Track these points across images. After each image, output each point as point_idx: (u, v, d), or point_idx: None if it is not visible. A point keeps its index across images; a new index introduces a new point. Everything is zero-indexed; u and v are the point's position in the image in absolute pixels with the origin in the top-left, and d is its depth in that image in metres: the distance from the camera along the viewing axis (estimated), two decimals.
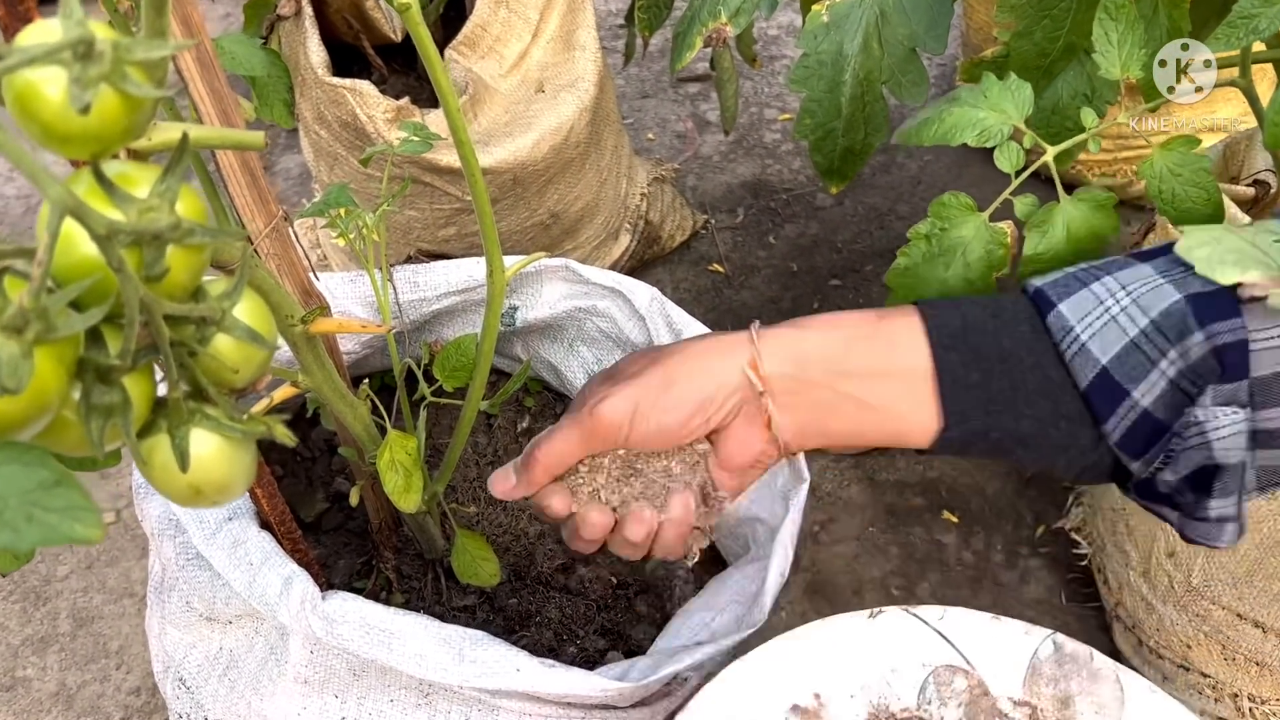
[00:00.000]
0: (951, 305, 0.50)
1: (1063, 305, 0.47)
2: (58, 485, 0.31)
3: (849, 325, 0.51)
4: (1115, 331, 0.46)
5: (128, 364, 0.35)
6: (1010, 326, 0.48)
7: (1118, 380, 0.46)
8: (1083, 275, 0.48)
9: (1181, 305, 0.45)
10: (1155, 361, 0.46)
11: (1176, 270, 0.46)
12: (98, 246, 0.32)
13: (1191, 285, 0.45)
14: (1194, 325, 0.45)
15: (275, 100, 0.65)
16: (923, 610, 0.54)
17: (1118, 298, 0.47)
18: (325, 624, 0.57)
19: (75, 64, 0.31)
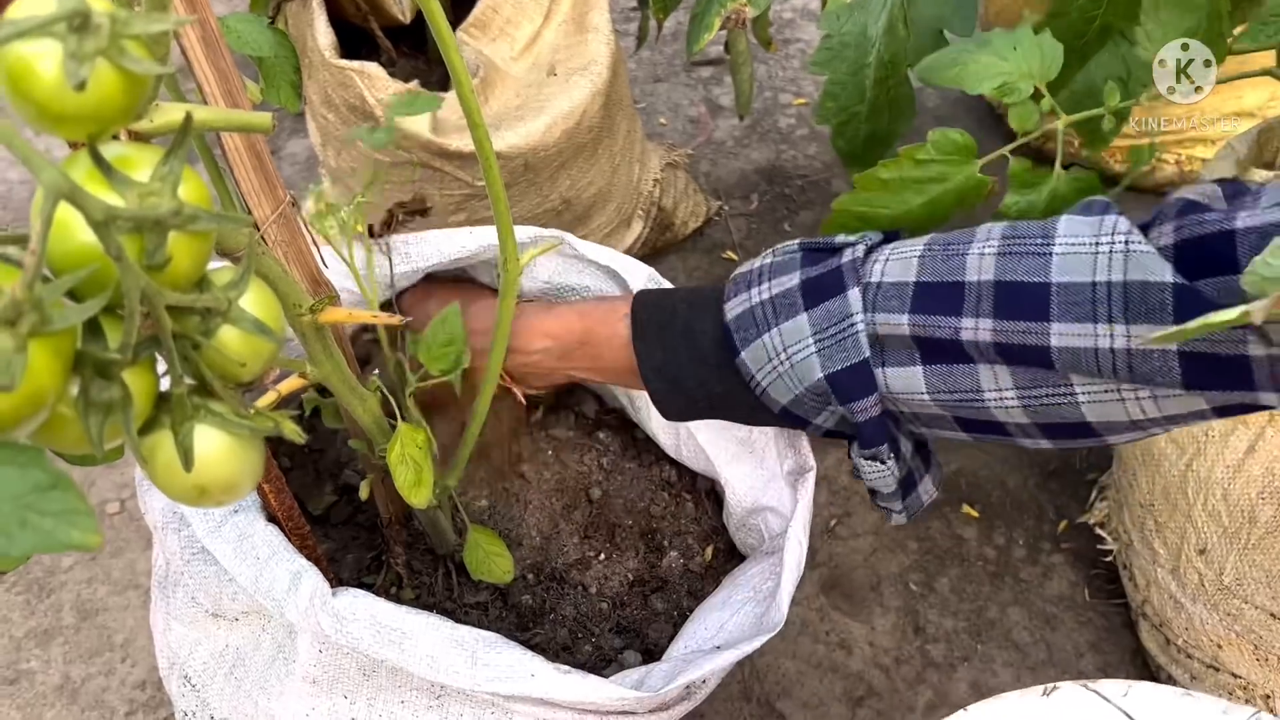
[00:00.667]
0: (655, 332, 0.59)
1: (744, 354, 0.55)
2: (53, 488, 0.29)
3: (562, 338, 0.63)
4: (784, 386, 0.54)
5: (128, 358, 0.33)
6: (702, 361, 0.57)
7: (797, 414, 0.55)
8: (759, 317, 0.54)
9: (824, 384, 0.52)
10: (821, 409, 0.54)
11: (825, 333, 0.52)
12: (95, 233, 0.30)
13: (832, 362, 0.52)
14: (835, 401, 0.53)
15: (282, 82, 0.63)
16: (1103, 686, 0.50)
17: (780, 359, 0.53)
18: (335, 621, 0.55)
19: (70, 37, 0.29)
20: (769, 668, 0.91)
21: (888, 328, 0.51)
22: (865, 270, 0.53)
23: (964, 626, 0.94)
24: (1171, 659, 0.83)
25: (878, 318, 0.51)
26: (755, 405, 0.57)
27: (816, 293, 0.53)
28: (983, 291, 0.48)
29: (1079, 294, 0.46)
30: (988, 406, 0.50)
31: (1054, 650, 0.93)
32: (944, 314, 0.49)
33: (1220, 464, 0.74)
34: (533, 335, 0.64)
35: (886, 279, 0.52)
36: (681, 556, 0.73)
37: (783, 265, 0.56)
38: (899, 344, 0.51)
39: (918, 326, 0.50)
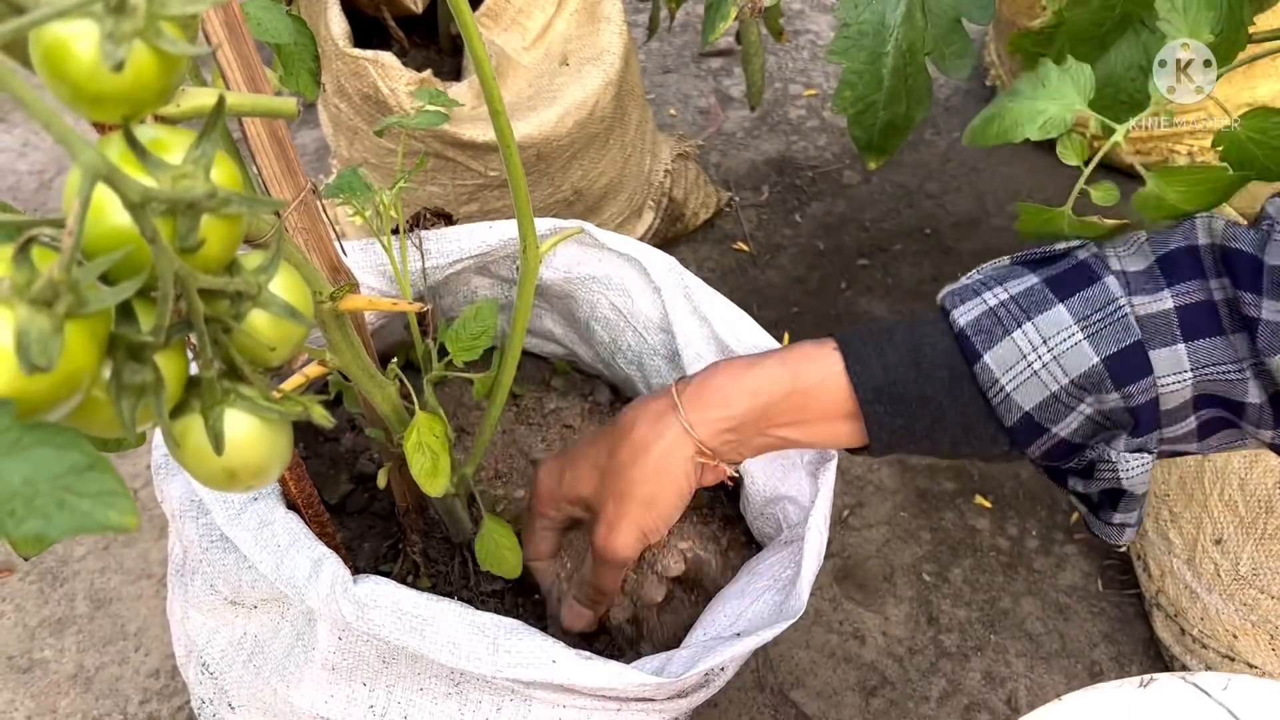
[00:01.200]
0: (874, 351, 0.54)
1: (988, 357, 0.51)
2: (90, 469, 0.29)
3: (767, 391, 0.56)
4: (1037, 385, 0.51)
5: (161, 340, 0.33)
6: (930, 374, 0.53)
7: (1039, 422, 0.52)
8: (1003, 315, 0.52)
9: (1100, 368, 0.50)
10: (1073, 407, 0.51)
11: (1093, 318, 0.50)
12: (131, 215, 0.30)
13: (1106, 344, 0.50)
14: (1110, 386, 0.50)
15: (301, 70, 0.62)
16: (1202, 679, 0.48)
17: (1039, 353, 0.51)
18: (356, 609, 0.55)
19: (107, 18, 0.29)
20: (782, 658, 0.91)
21: (1149, 307, 0.50)
22: (1108, 262, 0.52)
23: (977, 617, 0.94)
24: (1186, 649, 0.83)
25: (1136, 300, 0.50)
26: (982, 421, 0.53)
27: (1066, 285, 0.52)
28: (1216, 254, 0.50)
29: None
30: (1246, 379, 0.50)
31: (1067, 640, 0.93)
32: (1196, 278, 0.50)
33: (1237, 454, 0.74)
34: (731, 395, 0.57)
35: (1129, 268, 0.52)
36: (698, 546, 0.73)
37: (1005, 274, 0.54)
38: (1161, 324, 0.50)
39: (1179, 296, 0.50)
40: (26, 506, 0.28)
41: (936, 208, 1.35)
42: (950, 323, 0.53)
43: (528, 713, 0.58)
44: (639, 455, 0.57)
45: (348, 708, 0.62)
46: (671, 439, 0.57)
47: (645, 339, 0.74)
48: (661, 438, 0.57)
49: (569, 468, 0.62)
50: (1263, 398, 0.50)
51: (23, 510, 0.28)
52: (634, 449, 0.57)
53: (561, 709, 0.57)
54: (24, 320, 0.28)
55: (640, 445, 0.57)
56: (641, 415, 0.58)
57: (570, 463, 0.62)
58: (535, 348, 0.84)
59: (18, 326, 0.28)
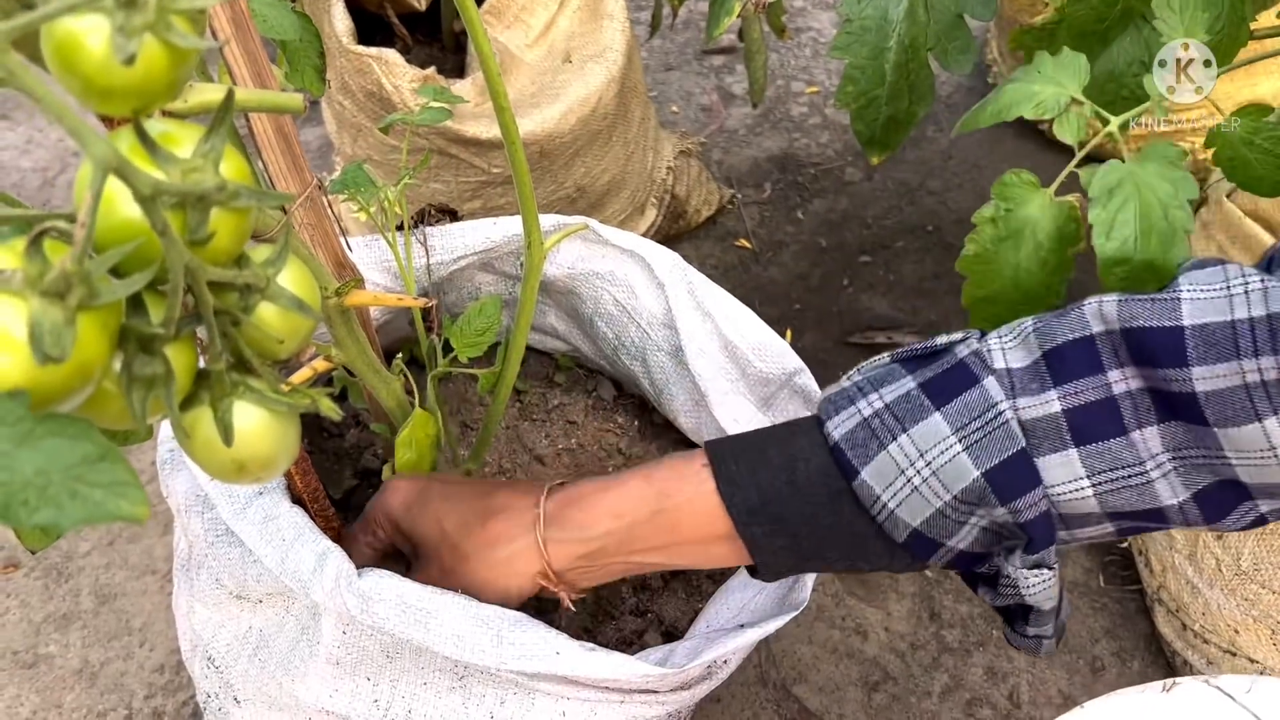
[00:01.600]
0: (746, 469, 0.51)
1: (865, 473, 0.48)
2: (102, 460, 0.29)
3: (630, 513, 0.53)
4: (920, 501, 0.47)
5: (171, 333, 0.33)
6: (807, 492, 0.50)
7: (930, 537, 0.48)
8: (878, 427, 0.48)
9: (981, 484, 0.46)
10: (964, 521, 0.48)
11: (971, 427, 0.47)
12: (141, 208, 0.30)
13: (987, 456, 0.46)
14: (995, 501, 0.46)
15: (306, 66, 0.63)
16: (1225, 681, 0.47)
17: (918, 467, 0.47)
18: (361, 602, 0.55)
19: (118, 12, 0.29)
20: (785, 653, 0.92)
21: (1034, 410, 0.47)
22: (990, 360, 0.49)
23: (979, 612, 0.95)
24: (1188, 644, 0.84)
25: (1020, 403, 0.47)
26: (872, 538, 0.50)
27: (944, 390, 0.48)
28: (1116, 341, 0.46)
29: (1217, 334, 0.43)
30: (1151, 482, 0.46)
31: (1069, 636, 0.93)
32: (1088, 374, 0.46)
33: None
34: (591, 516, 0.54)
35: (1013, 364, 0.48)
36: None
37: (881, 376, 0.50)
38: (1050, 428, 0.47)
39: (1068, 397, 0.46)
40: (39, 496, 0.29)
41: (939, 205, 1.36)
42: (825, 435, 0.50)
43: (531, 706, 0.59)
44: (482, 550, 0.56)
45: (352, 702, 0.62)
46: (519, 550, 0.55)
47: (649, 335, 0.74)
48: (511, 544, 0.55)
49: (418, 510, 0.59)
50: (1182, 497, 0.47)
51: (35, 500, 0.29)
52: (482, 541, 0.56)
53: (565, 701, 0.57)
54: (37, 312, 0.28)
55: (488, 541, 0.55)
56: (504, 509, 0.56)
57: (421, 505, 0.59)
58: (539, 344, 0.84)
59: (31, 318, 0.28)
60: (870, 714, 0.88)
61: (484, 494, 0.57)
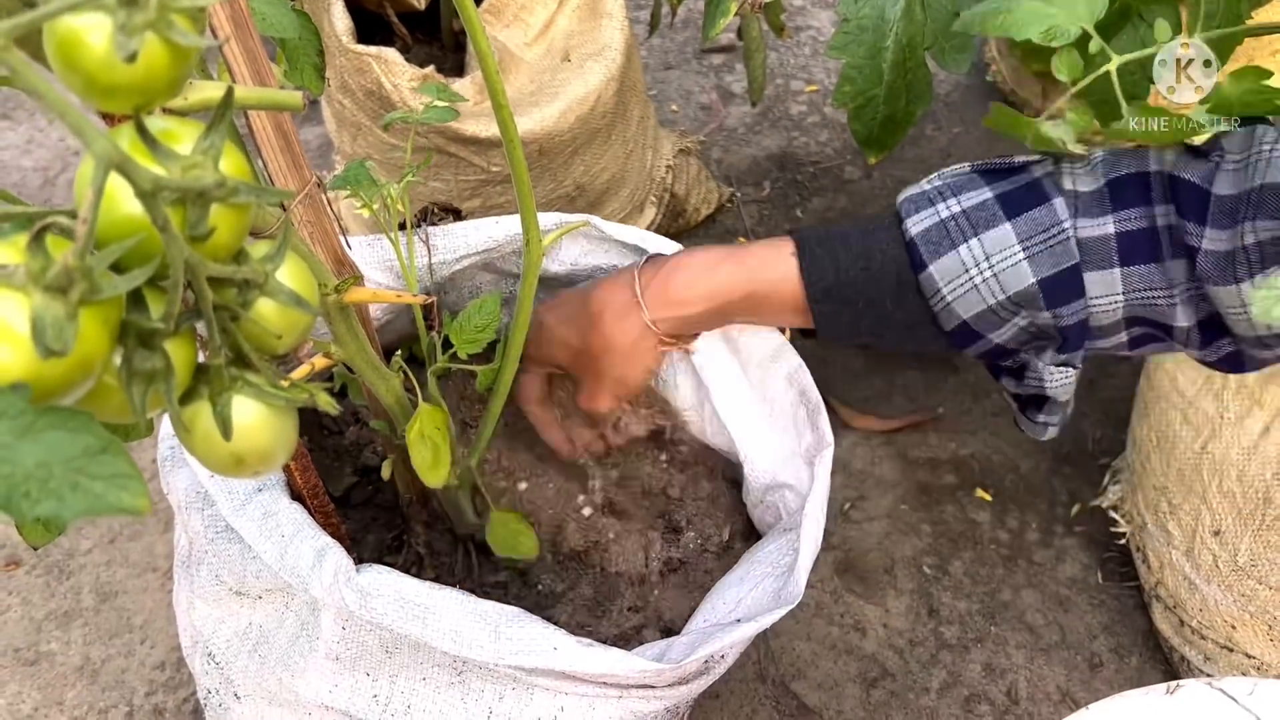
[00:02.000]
0: (828, 254, 0.58)
1: (933, 268, 0.55)
2: (103, 452, 0.29)
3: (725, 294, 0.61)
4: (976, 297, 0.54)
5: (171, 327, 0.33)
6: (878, 279, 0.57)
7: (975, 329, 0.56)
8: (953, 229, 0.54)
9: (1034, 289, 0.53)
10: (1008, 320, 0.55)
11: (1035, 239, 0.53)
12: (142, 204, 0.30)
13: (1044, 266, 0.53)
14: (1043, 305, 0.53)
15: (305, 64, 0.63)
16: (1228, 684, 0.49)
17: (981, 269, 0.54)
18: (359, 597, 0.56)
19: (120, 10, 0.29)
20: (784, 650, 0.92)
21: (1091, 231, 0.53)
22: (1061, 181, 0.54)
23: (977, 609, 0.95)
24: (1185, 640, 0.84)
25: (1080, 223, 0.53)
26: (924, 324, 0.57)
27: (1017, 204, 0.54)
28: (1164, 181, 0.52)
29: (1229, 204, 0.50)
30: (1175, 304, 0.53)
31: (1067, 632, 0.93)
32: (1140, 205, 0.52)
33: (1236, 446, 0.75)
34: (695, 294, 0.62)
35: (1081, 188, 0.54)
36: (699, 536, 0.74)
37: (962, 184, 0.56)
38: (1102, 248, 0.53)
39: (1121, 222, 0.52)
40: (41, 488, 0.29)
41: None
42: (903, 230, 0.56)
43: (529, 701, 0.59)
44: (609, 347, 0.64)
45: (352, 697, 0.62)
46: (637, 333, 0.63)
47: None
48: (627, 334, 0.63)
49: (544, 342, 0.68)
50: (1191, 321, 0.53)
51: (37, 492, 0.29)
52: (603, 341, 0.64)
53: (563, 696, 0.58)
54: (39, 306, 0.29)
55: (609, 339, 0.64)
56: (607, 307, 0.64)
57: (545, 337, 0.68)
58: None
59: (33, 312, 0.29)
60: (868, 710, 0.89)
61: (585, 301, 0.65)
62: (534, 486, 0.77)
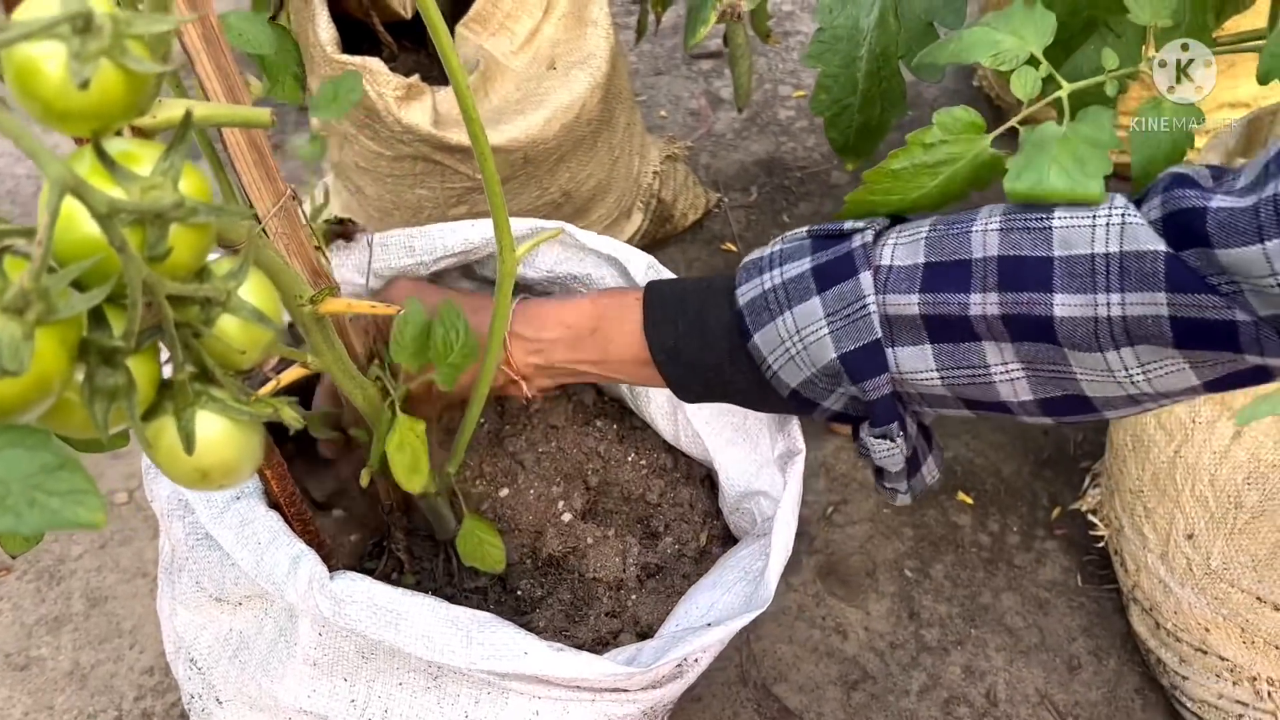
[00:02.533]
0: (667, 316, 0.60)
1: (756, 337, 0.57)
2: (61, 469, 0.30)
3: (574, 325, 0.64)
4: (795, 369, 0.56)
5: (131, 345, 0.34)
6: (713, 344, 0.59)
7: (808, 398, 0.57)
8: (772, 301, 0.56)
9: (837, 365, 0.54)
10: (831, 390, 0.56)
11: (838, 315, 0.54)
12: (99, 225, 0.31)
13: (845, 341, 0.54)
14: (848, 380, 0.54)
15: (285, 76, 0.64)
16: None
17: (794, 340, 0.55)
18: (333, 604, 0.57)
19: (74, 38, 0.30)
20: (765, 653, 0.93)
21: (898, 308, 0.53)
22: (876, 254, 0.54)
23: (958, 612, 0.96)
24: (1161, 642, 0.85)
25: (888, 299, 0.53)
26: (765, 389, 0.58)
27: (829, 277, 0.54)
28: (988, 268, 0.51)
29: (1079, 265, 0.48)
30: (994, 383, 0.53)
31: (1046, 634, 0.94)
32: (952, 291, 0.52)
33: (1207, 450, 0.75)
34: (546, 322, 0.64)
35: (896, 262, 0.54)
36: (677, 542, 0.75)
37: (793, 252, 0.57)
38: (909, 324, 0.53)
39: (927, 305, 0.52)
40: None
41: None
42: (733, 299, 0.58)
43: (505, 705, 0.60)
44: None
45: (330, 702, 0.63)
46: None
47: None
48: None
49: None
50: (1027, 398, 0.53)
51: None
52: None
53: (538, 700, 0.58)
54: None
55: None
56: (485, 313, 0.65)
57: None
58: None
59: None
60: (849, 712, 0.89)
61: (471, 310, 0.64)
62: (514, 493, 0.78)
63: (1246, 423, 0.60)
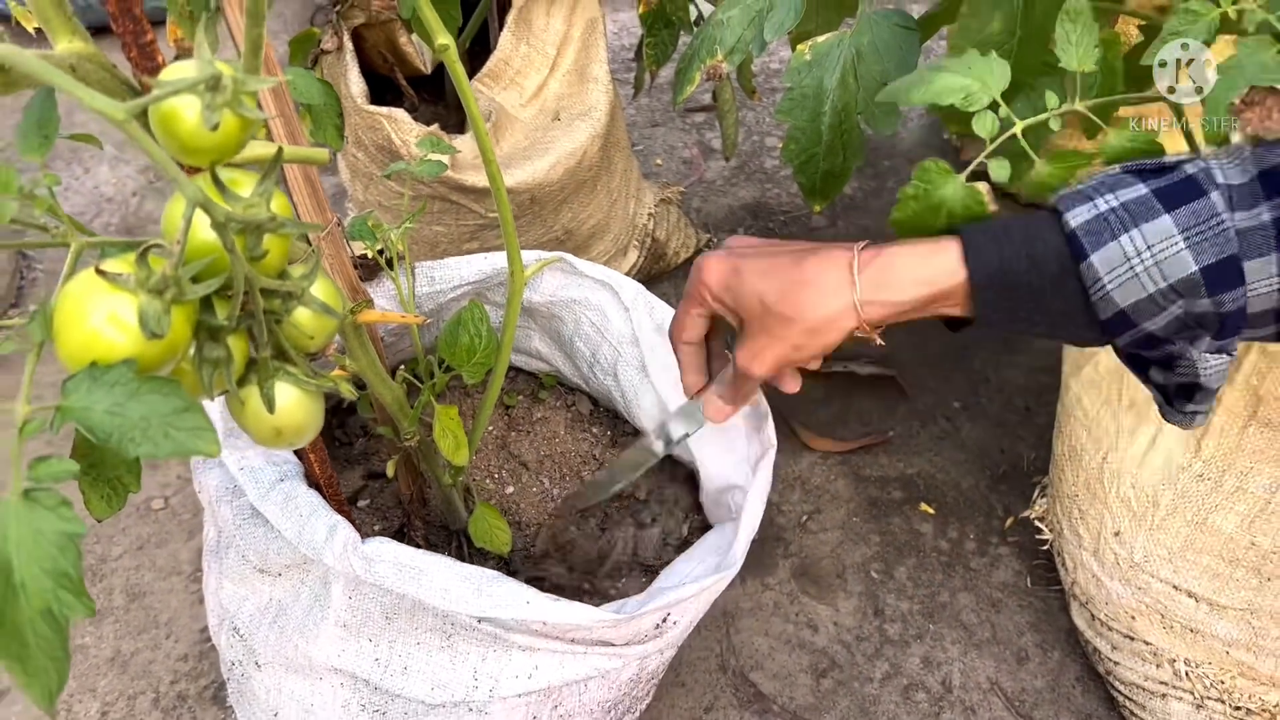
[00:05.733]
0: (991, 242, 0.60)
1: (1094, 257, 0.57)
2: (187, 411, 0.40)
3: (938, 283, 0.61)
4: (1136, 286, 0.56)
5: (233, 325, 0.45)
6: (1040, 266, 0.59)
7: (1132, 318, 0.57)
8: (1113, 220, 0.57)
9: (1197, 277, 0.55)
10: (1166, 307, 0.56)
11: (1196, 230, 0.56)
12: (216, 232, 0.42)
13: (1205, 255, 0.55)
14: (1204, 293, 0.55)
15: (329, 125, 0.75)
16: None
17: (1143, 257, 0.56)
18: (365, 563, 0.66)
19: (206, 94, 0.41)
20: (744, 644, 1.02)
21: (1248, 221, 0.55)
22: (1214, 176, 0.57)
23: (918, 609, 1.05)
24: (1096, 633, 0.94)
25: (1237, 214, 0.56)
26: (1078, 312, 0.59)
27: (1174, 197, 0.56)
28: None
29: None
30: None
31: (998, 630, 1.03)
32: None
33: (1129, 456, 0.85)
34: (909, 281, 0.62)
35: (1233, 181, 0.56)
36: (663, 531, 0.85)
37: (1116, 182, 0.59)
38: (1258, 236, 0.56)
39: (1275, 209, 0.55)
40: (142, 434, 0.40)
41: None
42: (1063, 224, 0.58)
43: (509, 660, 0.69)
44: (805, 311, 0.62)
45: (357, 660, 0.73)
46: (840, 310, 0.62)
47: (619, 351, 0.86)
48: (830, 308, 0.62)
49: (735, 282, 0.65)
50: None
51: (139, 437, 0.40)
52: (802, 304, 0.62)
53: (537, 654, 0.68)
54: (144, 304, 0.40)
55: (809, 304, 0.62)
56: (821, 274, 0.63)
57: (737, 278, 0.65)
58: (526, 365, 0.96)
59: (140, 308, 0.40)
60: (818, 697, 0.98)
61: (796, 263, 0.64)
62: (519, 490, 0.88)
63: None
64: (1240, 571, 0.81)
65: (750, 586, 1.07)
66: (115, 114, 0.38)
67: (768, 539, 1.11)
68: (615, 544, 0.84)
